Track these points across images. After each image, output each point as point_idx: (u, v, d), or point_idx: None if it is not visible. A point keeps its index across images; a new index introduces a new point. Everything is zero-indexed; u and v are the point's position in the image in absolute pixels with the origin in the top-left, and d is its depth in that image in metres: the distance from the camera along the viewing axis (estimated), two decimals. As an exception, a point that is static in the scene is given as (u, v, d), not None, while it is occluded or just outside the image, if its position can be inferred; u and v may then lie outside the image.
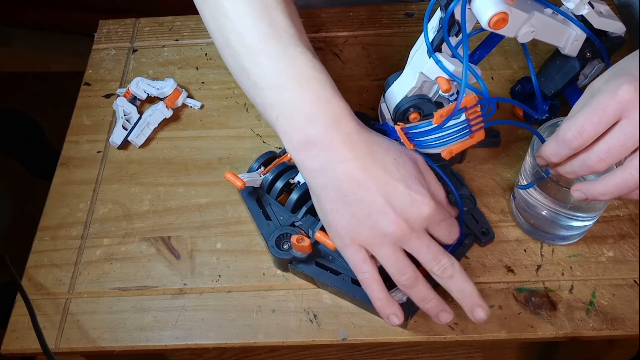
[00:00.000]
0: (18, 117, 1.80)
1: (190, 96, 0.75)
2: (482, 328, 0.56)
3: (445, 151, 0.53)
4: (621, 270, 0.59)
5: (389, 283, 0.57)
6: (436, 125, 0.53)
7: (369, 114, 0.67)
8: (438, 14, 0.54)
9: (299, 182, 0.63)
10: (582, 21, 0.57)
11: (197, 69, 0.78)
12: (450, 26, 0.52)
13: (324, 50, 0.78)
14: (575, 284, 0.58)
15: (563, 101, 0.65)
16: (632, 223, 0.61)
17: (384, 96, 0.62)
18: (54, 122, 1.73)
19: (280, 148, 0.69)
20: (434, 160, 0.57)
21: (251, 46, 0.53)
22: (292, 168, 0.64)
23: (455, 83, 0.55)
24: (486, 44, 0.58)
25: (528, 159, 0.56)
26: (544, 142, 0.51)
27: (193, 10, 0.61)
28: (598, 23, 0.58)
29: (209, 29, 0.57)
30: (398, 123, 0.57)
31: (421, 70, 0.56)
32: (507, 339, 0.56)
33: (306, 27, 0.80)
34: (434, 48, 0.54)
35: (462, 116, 0.53)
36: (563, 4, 0.57)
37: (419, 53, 0.56)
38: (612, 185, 0.48)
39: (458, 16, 0.51)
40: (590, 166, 0.48)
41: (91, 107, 0.75)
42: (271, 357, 0.96)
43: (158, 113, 0.72)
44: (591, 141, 0.47)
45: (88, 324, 0.59)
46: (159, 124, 0.72)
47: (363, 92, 0.74)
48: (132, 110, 0.72)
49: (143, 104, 0.74)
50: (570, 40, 0.58)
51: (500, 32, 0.51)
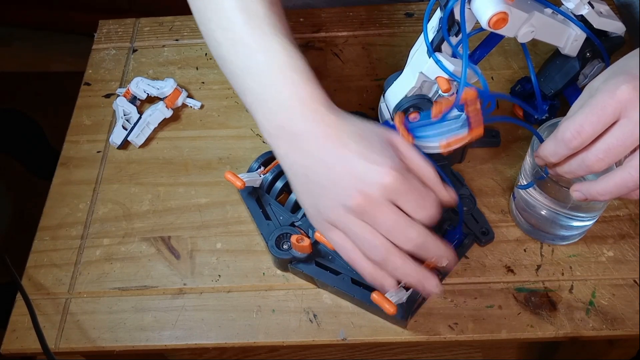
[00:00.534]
0: (18, 117, 1.80)
1: (190, 96, 0.75)
2: (482, 328, 0.56)
3: (443, 145, 0.52)
4: (621, 270, 0.59)
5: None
6: (435, 120, 0.53)
7: (369, 114, 0.67)
8: (438, 14, 0.54)
9: (299, 182, 0.63)
10: (582, 21, 0.57)
11: (197, 69, 0.78)
12: (450, 26, 0.52)
13: (324, 50, 0.78)
14: (575, 284, 0.58)
15: (563, 101, 0.65)
16: (632, 223, 0.61)
17: (384, 96, 0.62)
18: (54, 122, 1.73)
19: (280, 148, 0.69)
20: (434, 160, 0.56)
21: (230, 36, 0.54)
22: (292, 168, 0.64)
23: (455, 83, 0.55)
24: (486, 44, 0.58)
25: (528, 159, 0.56)
26: (543, 142, 0.51)
27: (193, 10, 0.61)
28: (598, 23, 0.58)
29: (196, 21, 0.59)
30: (398, 112, 0.57)
31: (421, 70, 0.56)
32: (507, 339, 0.56)
33: (306, 27, 0.81)
34: (434, 48, 0.54)
35: (462, 114, 0.53)
36: (563, 4, 0.57)
37: (419, 53, 0.56)
38: (612, 185, 0.47)
39: (458, 16, 0.51)
40: (588, 166, 0.48)
41: (91, 107, 0.75)
42: (271, 357, 0.96)
43: (158, 113, 0.72)
44: (590, 141, 0.47)
45: (88, 324, 0.59)
46: (159, 124, 0.72)
47: (363, 92, 0.74)
48: (132, 110, 0.72)
49: (143, 104, 0.74)
50: (570, 40, 0.58)
51: (500, 32, 0.51)
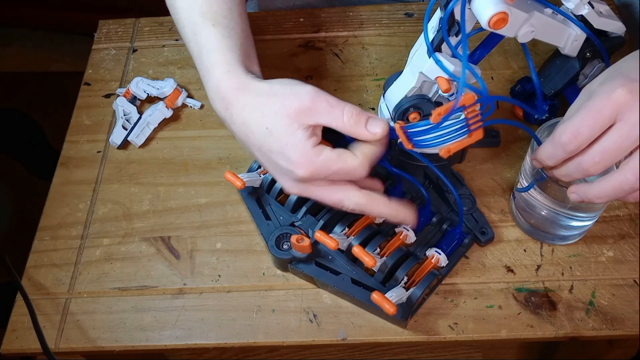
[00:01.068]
0: (18, 117, 1.80)
1: (190, 96, 0.75)
2: (482, 328, 0.56)
3: (443, 150, 0.53)
4: (621, 270, 0.59)
5: (388, 283, 0.58)
6: (434, 123, 0.53)
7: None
8: (438, 14, 0.54)
9: (299, 182, 0.63)
10: (582, 21, 0.57)
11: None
12: (450, 26, 0.52)
13: (324, 50, 0.78)
14: (575, 284, 0.58)
15: (563, 101, 0.65)
16: (632, 223, 0.61)
17: (384, 96, 0.62)
18: (54, 122, 1.73)
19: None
20: (433, 160, 0.57)
21: (188, 21, 0.60)
22: (292, 168, 0.64)
23: (455, 83, 0.55)
24: (486, 44, 0.58)
25: (528, 160, 0.56)
26: (540, 145, 0.51)
27: (193, 10, 0.61)
28: (598, 23, 0.58)
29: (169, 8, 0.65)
30: (398, 121, 0.57)
31: (421, 70, 0.56)
32: (507, 339, 0.56)
33: (306, 27, 0.81)
34: (434, 48, 0.54)
35: (461, 115, 0.53)
36: (563, 4, 0.57)
37: (419, 53, 0.56)
38: (608, 188, 0.47)
39: (458, 16, 0.51)
40: (585, 169, 0.48)
41: (91, 107, 0.75)
42: (271, 357, 0.96)
43: (158, 113, 0.72)
44: (587, 144, 0.47)
45: (88, 324, 0.59)
46: (159, 124, 0.72)
47: (363, 92, 0.74)
48: (132, 110, 0.72)
49: (143, 104, 0.74)
50: (570, 40, 0.58)
51: (500, 32, 0.51)
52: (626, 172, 0.46)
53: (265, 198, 0.63)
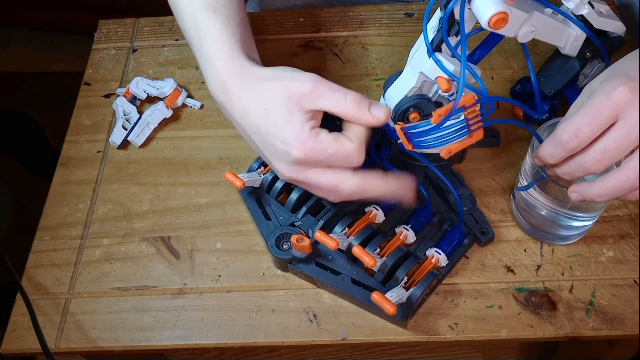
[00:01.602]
0: (18, 117, 1.80)
1: (190, 96, 0.75)
2: (482, 328, 0.56)
3: (444, 151, 0.53)
4: (621, 270, 0.59)
5: (388, 283, 0.57)
6: (435, 124, 0.53)
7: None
8: (438, 14, 0.54)
9: (299, 182, 0.63)
10: (582, 21, 0.57)
11: (197, 69, 0.78)
12: (449, 26, 0.52)
13: (324, 50, 0.78)
14: (575, 284, 0.58)
15: (563, 101, 0.65)
16: (632, 223, 0.61)
17: (384, 96, 0.62)
18: (54, 122, 1.73)
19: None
20: (433, 160, 0.57)
21: (189, 13, 0.60)
22: (292, 168, 0.64)
23: (455, 83, 0.55)
24: (486, 44, 0.58)
25: (528, 159, 0.56)
26: (541, 144, 0.51)
27: (193, 10, 0.61)
28: (598, 23, 0.58)
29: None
30: (398, 122, 0.57)
31: (421, 70, 0.56)
32: (507, 339, 0.56)
33: (306, 27, 0.81)
34: (434, 48, 0.54)
35: (461, 116, 0.53)
36: (563, 4, 0.57)
37: (419, 53, 0.56)
38: (609, 186, 0.48)
39: (458, 16, 0.51)
40: (586, 167, 0.48)
41: (91, 107, 0.75)
42: (271, 357, 0.96)
43: (158, 113, 0.72)
44: (587, 142, 0.47)
45: (88, 324, 0.59)
46: (159, 124, 0.72)
47: (363, 92, 0.74)
48: (132, 110, 0.72)
49: (143, 104, 0.74)
50: (570, 40, 0.58)
51: (500, 32, 0.51)
52: (627, 171, 0.46)
53: (265, 198, 0.63)
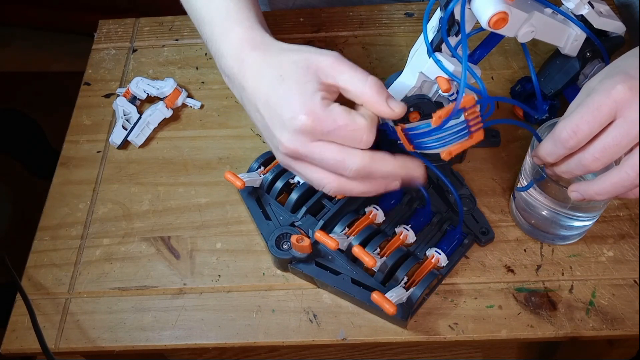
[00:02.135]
0: (18, 117, 1.80)
1: (190, 96, 0.75)
2: (482, 328, 0.56)
3: (444, 153, 0.53)
4: (621, 270, 0.59)
5: (388, 283, 0.57)
6: (435, 126, 0.53)
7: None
8: (438, 14, 0.54)
9: (299, 182, 0.63)
10: (582, 21, 0.57)
11: (197, 69, 0.78)
12: (450, 26, 0.52)
13: (324, 50, 0.78)
14: (575, 284, 0.58)
15: (563, 101, 0.65)
16: (632, 223, 0.61)
17: (384, 96, 0.62)
18: (54, 122, 1.73)
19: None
20: (433, 160, 0.56)
21: None
22: (292, 168, 0.64)
23: (455, 83, 0.55)
24: (486, 44, 0.58)
25: (528, 159, 0.56)
26: (540, 142, 0.51)
27: (193, 10, 0.61)
28: (598, 23, 0.58)
29: None
30: (398, 124, 0.57)
31: (421, 70, 0.56)
32: (507, 339, 0.56)
33: (306, 27, 0.81)
34: (434, 48, 0.54)
35: (461, 117, 0.53)
36: (563, 4, 0.57)
37: (419, 53, 0.56)
38: (609, 185, 0.48)
39: (458, 16, 0.51)
40: (585, 165, 0.48)
41: (91, 107, 0.75)
42: (271, 357, 0.96)
43: (158, 113, 0.72)
44: (586, 141, 0.47)
45: (88, 324, 0.59)
46: (159, 124, 0.72)
47: (363, 92, 0.74)
48: (132, 110, 0.72)
49: (143, 104, 0.74)
50: (570, 40, 0.58)
51: (500, 32, 0.51)
52: (626, 169, 0.46)
53: (265, 198, 0.63)
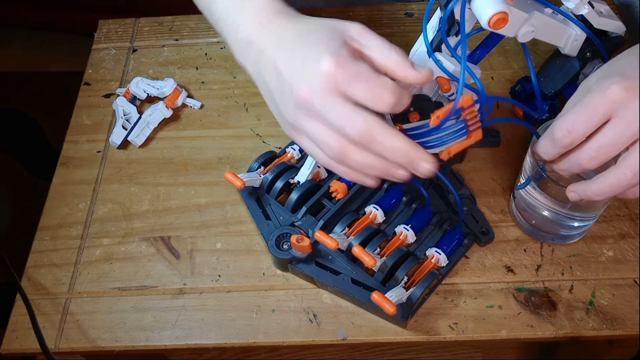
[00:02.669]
0: (18, 117, 1.80)
1: (190, 96, 0.75)
2: (482, 328, 0.56)
3: (443, 152, 0.53)
4: (621, 270, 0.59)
5: (388, 283, 0.57)
6: (434, 126, 0.53)
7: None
8: (438, 14, 0.54)
9: (299, 182, 0.63)
10: (582, 21, 0.57)
11: (197, 69, 0.78)
12: (450, 26, 0.52)
13: (324, 50, 0.78)
14: (575, 284, 0.58)
15: (563, 101, 0.65)
16: (632, 223, 0.61)
17: (384, 96, 0.62)
18: (54, 122, 1.73)
19: (280, 148, 0.69)
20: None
21: None
22: (292, 168, 0.64)
23: (455, 83, 0.55)
24: (486, 44, 0.58)
25: (528, 159, 0.56)
26: (538, 140, 0.52)
27: (193, 10, 0.61)
28: (598, 23, 0.58)
29: None
30: (397, 123, 0.57)
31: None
32: (507, 339, 0.56)
33: (306, 27, 0.81)
34: (434, 48, 0.54)
35: (460, 116, 0.53)
36: (563, 4, 0.57)
37: (419, 53, 0.56)
38: (607, 185, 0.48)
39: (458, 16, 0.51)
40: (581, 164, 0.48)
41: (91, 107, 0.75)
42: (271, 357, 0.96)
43: (158, 113, 0.72)
44: (581, 140, 0.47)
45: (88, 324, 0.59)
46: (159, 124, 0.72)
47: (363, 92, 0.74)
48: (132, 110, 0.72)
49: (143, 104, 0.74)
50: (570, 40, 0.58)
51: (500, 32, 0.51)
52: (624, 169, 0.46)
53: (265, 198, 0.63)
